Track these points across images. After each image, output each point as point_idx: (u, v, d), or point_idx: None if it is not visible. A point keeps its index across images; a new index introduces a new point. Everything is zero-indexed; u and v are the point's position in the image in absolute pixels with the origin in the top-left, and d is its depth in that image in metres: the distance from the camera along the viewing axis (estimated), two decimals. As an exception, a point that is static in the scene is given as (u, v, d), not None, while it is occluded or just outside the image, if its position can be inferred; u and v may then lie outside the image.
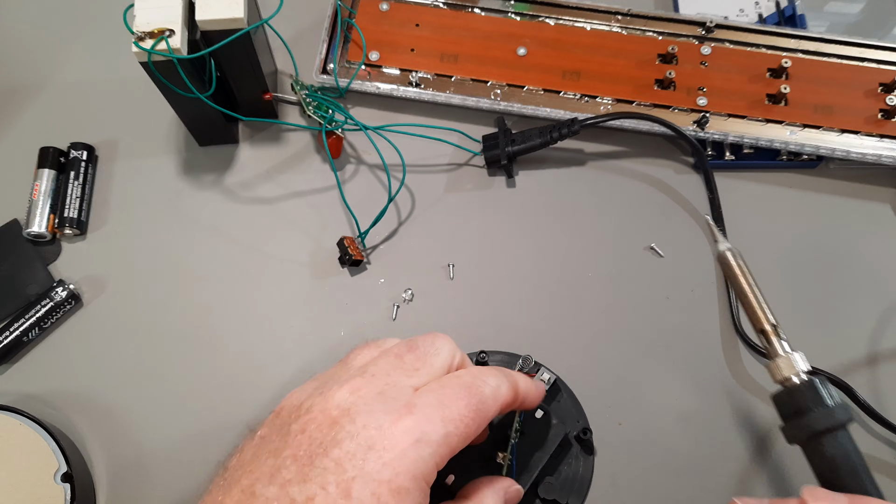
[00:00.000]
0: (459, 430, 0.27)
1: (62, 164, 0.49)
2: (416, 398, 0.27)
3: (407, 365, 0.29)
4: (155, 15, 0.39)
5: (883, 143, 0.47)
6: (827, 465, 0.27)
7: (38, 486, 0.39)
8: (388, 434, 0.26)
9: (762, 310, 0.29)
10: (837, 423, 0.27)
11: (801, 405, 0.28)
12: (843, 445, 0.27)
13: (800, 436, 0.28)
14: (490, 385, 0.29)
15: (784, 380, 0.28)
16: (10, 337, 0.44)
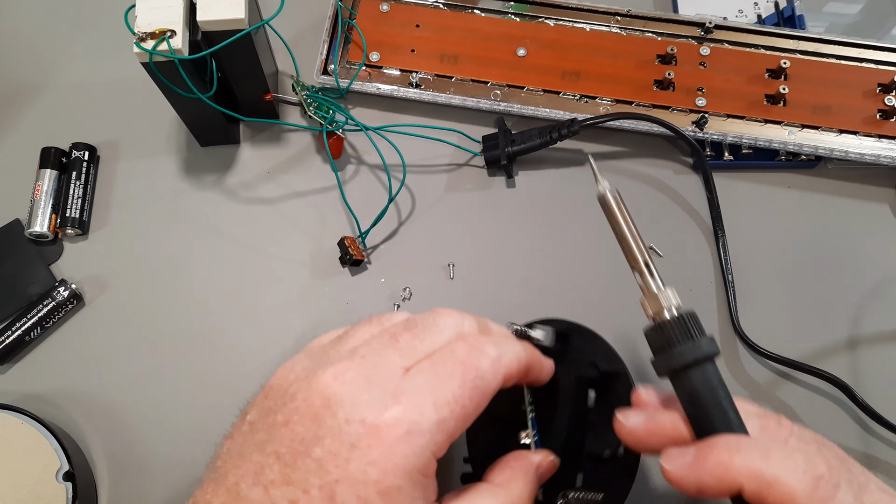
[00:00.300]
0: (456, 413, 0.25)
1: (64, 164, 0.49)
2: (405, 383, 0.25)
3: (402, 345, 0.27)
4: (156, 15, 0.39)
5: (881, 144, 0.48)
6: (691, 399, 0.27)
7: (39, 484, 0.39)
8: (372, 428, 0.24)
9: (639, 248, 0.29)
10: (702, 356, 0.27)
11: (669, 339, 0.27)
12: (708, 379, 0.27)
13: (666, 368, 0.28)
14: (489, 356, 0.27)
15: (656, 314, 0.28)
16: (12, 336, 0.44)
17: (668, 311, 0.28)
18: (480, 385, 0.26)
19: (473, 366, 0.26)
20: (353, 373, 0.25)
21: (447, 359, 0.26)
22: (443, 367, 0.26)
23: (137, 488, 0.42)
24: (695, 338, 0.27)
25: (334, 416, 0.24)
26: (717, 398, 0.27)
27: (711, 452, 0.25)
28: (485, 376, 0.26)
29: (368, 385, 0.25)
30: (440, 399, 0.25)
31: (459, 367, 0.26)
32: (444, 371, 0.25)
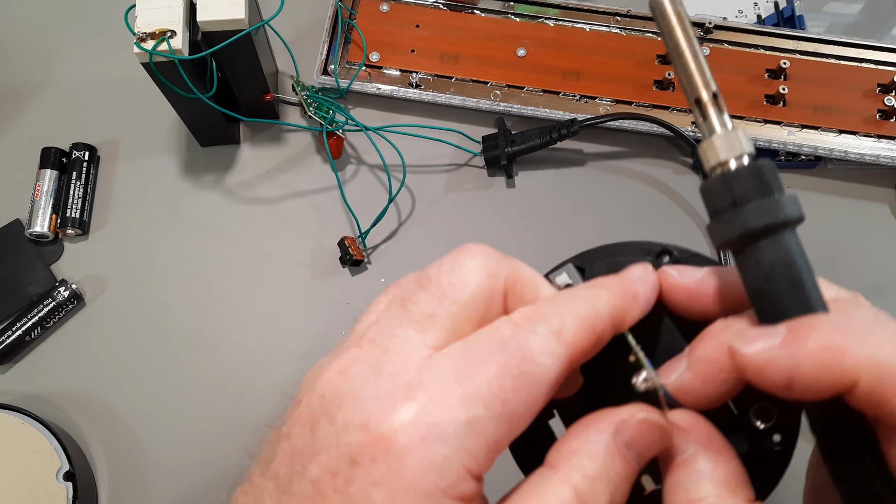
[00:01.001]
0: (495, 410, 0.18)
1: (64, 164, 0.49)
2: (424, 370, 0.18)
3: (417, 312, 0.20)
4: (156, 16, 0.39)
5: (881, 144, 0.48)
6: (764, 275, 0.20)
7: (40, 484, 0.39)
8: (377, 435, 0.18)
9: (702, 72, 0.21)
10: (783, 220, 0.19)
11: (738, 195, 0.20)
12: (787, 250, 0.20)
13: (731, 234, 0.20)
14: (540, 333, 0.19)
15: (720, 164, 0.20)
16: (13, 336, 0.44)
17: (738, 159, 0.20)
18: (531, 372, 0.18)
19: (519, 347, 0.18)
20: (361, 363, 0.19)
21: (485, 338, 0.19)
22: (476, 348, 0.19)
23: (137, 488, 0.42)
24: (774, 194, 0.20)
25: (332, 422, 0.19)
26: (802, 274, 0.20)
27: (814, 332, 0.18)
28: (537, 359, 0.18)
29: (376, 376, 0.19)
30: (471, 391, 0.18)
31: (499, 348, 0.19)
32: (477, 354, 0.19)
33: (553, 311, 0.20)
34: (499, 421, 0.18)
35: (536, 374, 0.18)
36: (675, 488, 0.20)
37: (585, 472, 0.19)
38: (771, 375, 0.18)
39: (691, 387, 0.20)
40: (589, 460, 0.19)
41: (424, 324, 0.19)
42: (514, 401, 0.18)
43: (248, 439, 0.35)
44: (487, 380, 0.18)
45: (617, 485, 0.19)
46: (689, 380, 0.20)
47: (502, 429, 0.18)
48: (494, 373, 0.18)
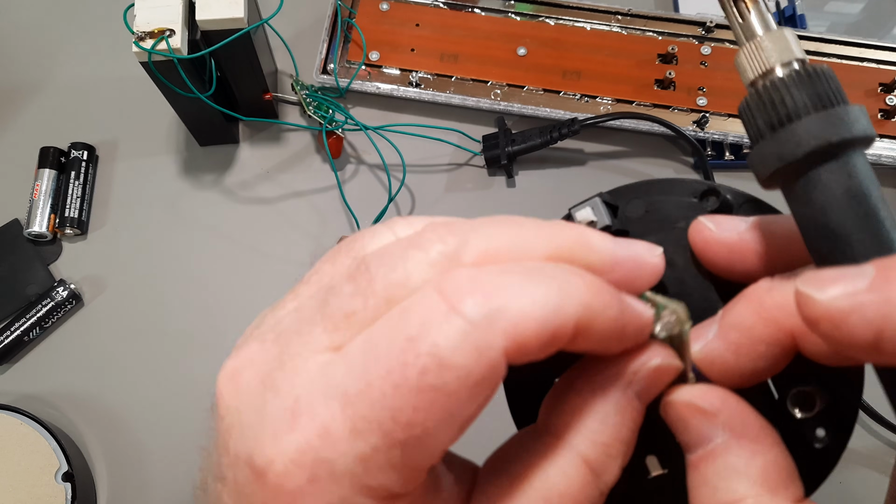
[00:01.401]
0: (395, 437, 0.14)
1: (63, 163, 0.49)
2: (313, 385, 0.14)
3: (334, 307, 0.15)
4: (155, 15, 0.39)
5: (882, 144, 0.47)
6: (832, 207, 0.15)
7: (38, 485, 0.39)
8: (261, 475, 0.14)
9: None
10: (862, 134, 0.15)
11: (796, 107, 0.15)
12: (862, 175, 0.15)
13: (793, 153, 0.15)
14: (460, 320, 0.14)
15: (766, 73, 0.16)
16: (11, 337, 0.44)
17: (787, 65, 0.16)
18: (441, 383, 0.13)
19: (426, 345, 0.13)
20: (253, 368, 0.16)
21: (385, 332, 0.14)
22: (374, 346, 0.14)
23: (136, 488, 0.42)
24: (835, 104, 0.15)
25: (226, 451, 0.15)
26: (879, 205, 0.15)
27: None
28: (453, 363, 0.13)
29: (263, 391, 0.15)
30: (363, 414, 0.14)
31: (398, 354, 0.14)
32: (374, 356, 0.14)
33: (496, 284, 0.14)
34: (407, 448, 0.14)
35: (451, 383, 0.13)
36: (702, 486, 0.16)
37: (597, 437, 0.16)
38: (854, 329, 0.13)
39: (721, 359, 0.16)
40: (600, 423, 0.16)
41: (338, 323, 0.15)
42: (422, 422, 0.14)
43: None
44: (383, 397, 0.13)
45: (630, 440, 0.16)
46: (718, 350, 0.16)
47: (415, 454, 0.14)
48: (392, 387, 0.13)
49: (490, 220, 0.16)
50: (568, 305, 0.14)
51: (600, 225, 0.19)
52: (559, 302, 0.14)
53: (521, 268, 0.15)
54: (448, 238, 0.15)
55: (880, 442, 0.43)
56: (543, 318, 0.14)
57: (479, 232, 0.16)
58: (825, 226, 0.15)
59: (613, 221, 0.20)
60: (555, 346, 0.15)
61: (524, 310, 0.14)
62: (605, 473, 0.16)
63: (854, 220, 0.15)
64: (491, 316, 0.14)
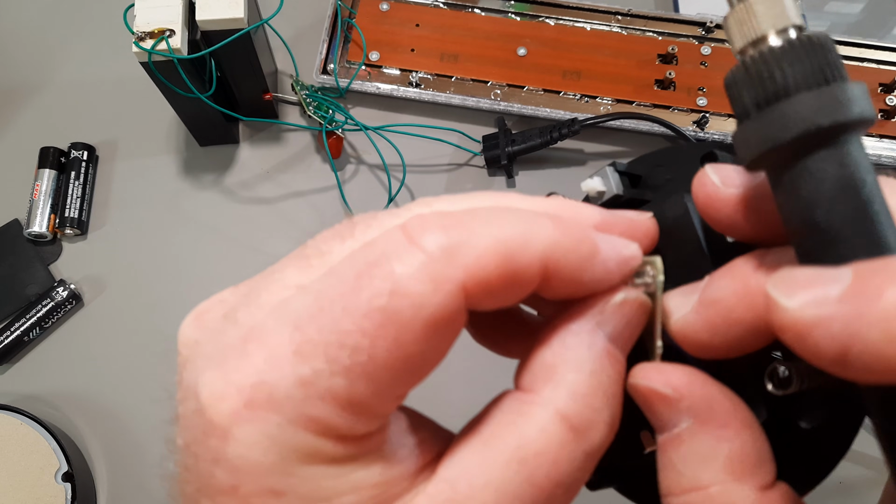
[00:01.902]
0: (341, 362, 0.13)
1: (63, 164, 0.49)
2: (272, 313, 0.14)
3: (310, 249, 0.16)
4: (155, 15, 0.39)
5: (882, 144, 0.47)
6: (820, 198, 0.13)
7: (38, 485, 0.39)
8: (201, 403, 0.14)
9: None
10: (858, 118, 0.13)
11: (787, 82, 0.13)
12: (856, 162, 0.13)
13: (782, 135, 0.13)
14: (419, 251, 0.13)
15: (756, 41, 0.14)
16: (11, 337, 0.44)
17: (782, 32, 0.14)
18: (395, 307, 0.13)
19: (381, 272, 0.13)
20: (221, 305, 0.16)
21: (346, 262, 0.14)
22: (335, 276, 0.14)
23: (136, 488, 0.42)
24: (831, 81, 0.13)
25: (180, 385, 0.15)
26: (874, 198, 0.13)
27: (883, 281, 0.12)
28: (405, 288, 0.13)
29: (224, 323, 0.15)
30: (311, 337, 0.13)
31: (353, 280, 0.13)
32: (333, 283, 0.14)
33: (459, 221, 0.14)
34: (350, 376, 0.13)
35: (403, 311, 0.13)
36: (668, 470, 0.15)
37: (573, 387, 0.14)
38: (819, 343, 0.12)
39: (695, 335, 0.15)
40: (575, 372, 0.15)
41: (312, 261, 0.15)
42: (369, 348, 0.13)
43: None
44: (333, 321, 0.13)
45: (614, 392, 0.15)
46: (693, 326, 0.15)
47: (359, 386, 0.13)
48: (342, 310, 0.13)
49: (480, 192, 0.16)
50: (533, 241, 0.14)
51: (609, 195, 0.18)
52: (523, 238, 0.14)
53: (487, 210, 0.15)
54: (433, 203, 0.16)
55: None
56: (506, 252, 0.14)
57: (468, 200, 0.16)
58: (810, 220, 0.14)
59: (628, 191, 0.18)
60: (521, 286, 0.14)
61: (485, 244, 0.14)
62: (588, 431, 0.14)
63: (841, 216, 0.13)
64: (450, 248, 0.13)
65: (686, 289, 0.16)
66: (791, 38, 0.14)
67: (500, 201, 0.16)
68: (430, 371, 0.14)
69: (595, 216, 0.16)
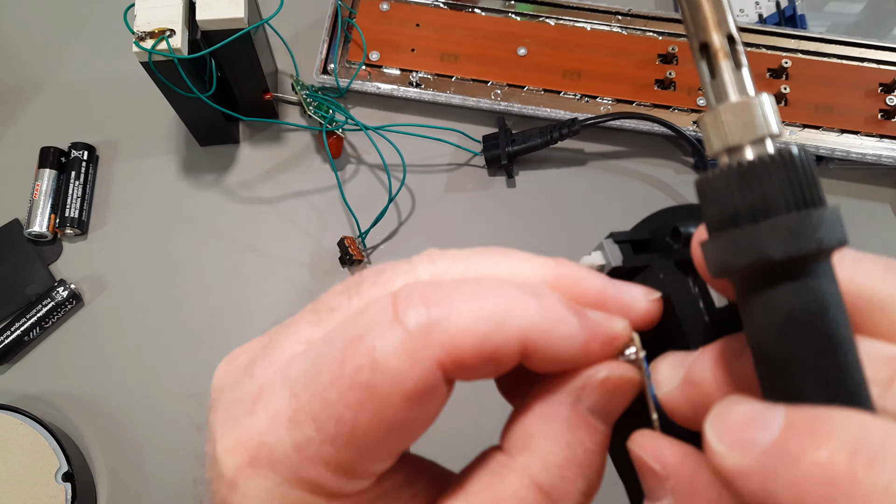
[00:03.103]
0: (327, 431, 0.14)
1: (63, 163, 0.49)
2: (280, 373, 0.15)
3: (322, 304, 0.16)
4: (155, 15, 0.39)
5: (883, 144, 0.47)
6: (777, 327, 0.13)
7: (39, 485, 0.39)
8: (215, 453, 0.15)
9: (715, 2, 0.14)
10: (817, 248, 0.13)
11: (753, 203, 0.13)
12: (818, 293, 0.13)
13: (735, 261, 0.13)
14: (399, 327, 0.14)
15: (730, 148, 0.14)
16: (11, 337, 0.44)
17: (757, 144, 0.13)
18: (374, 383, 0.14)
19: (364, 348, 0.14)
20: (246, 355, 0.17)
21: (340, 330, 0.15)
22: (328, 344, 0.15)
23: (136, 489, 0.42)
24: (809, 205, 0.13)
25: (208, 427, 0.16)
26: (835, 334, 0.13)
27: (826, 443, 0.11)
28: (386, 365, 0.14)
29: (242, 376, 0.16)
30: (304, 405, 0.14)
31: (339, 352, 0.14)
32: (325, 352, 0.15)
33: (443, 296, 0.14)
34: (337, 445, 0.14)
35: (382, 386, 0.14)
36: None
37: (547, 458, 0.15)
38: (740, 491, 0.12)
39: (679, 410, 0.15)
40: (551, 443, 0.15)
41: (322, 316, 0.16)
42: (352, 420, 0.14)
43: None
44: (320, 391, 0.14)
45: (589, 463, 0.15)
46: (677, 401, 0.15)
47: (347, 453, 0.14)
48: (329, 382, 0.14)
49: (485, 249, 0.17)
50: (511, 322, 0.14)
51: (608, 268, 0.18)
52: (501, 318, 0.14)
53: (474, 283, 0.15)
54: (438, 259, 0.16)
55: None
56: (483, 333, 0.14)
57: (469, 258, 0.16)
58: (760, 346, 0.13)
59: (629, 260, 0.18)
60: (500, 364, 0.15)
61: (463, 323, 0.14)
62: (562, 499, 0.15)
63: (790, 349, 0.13)
64: (429, 327, 0.14)
65: (676, 360, 0.16)
66: (767, 152, 0.13)
67: (502, 263, 0.16)
68: (418, 435, 0.15)
69: (593, 289, 0.16)
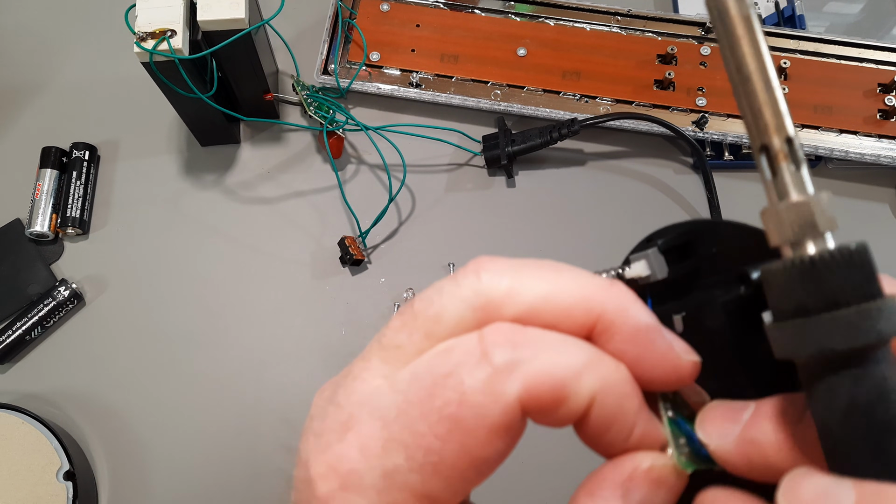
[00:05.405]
0: (416, 460, 0.15)
1: (64, 163, 0.49)
2: (365, 404, 0.16)
3: (387, 340, 0.17)
4: (156, 15, 0.39)
5: (881, 144, 0.48)
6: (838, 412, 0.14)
7: (40, 484, 0.39)
8: (308, 477, 0.16)
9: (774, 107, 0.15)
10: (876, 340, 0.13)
11: (814, 298, 0.14)
12: (876, 382, 0.14)
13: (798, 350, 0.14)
14: (487, 366, 0.15)
15: (791, 244, 0.14)
16: (13, 336, 0.44)
17: (818, 240, 0.14)
18: (461, 416, 0.15)
19: (453, 383, 0.15)
20: (333, 386, 0.18)
21: (428, 367, 0.16)
22: (417, 380, 0.16)
23: (137, 487, 0.42)
24: (867, 299, 0.14)
25: (299, 451, 0.17)
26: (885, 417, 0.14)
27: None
28: (472, 400, 0.15)
29: (329, 405, 0.17)
30: (395, 435, 0.15)
31: (428, 389, 0.15)
32: (415, 388, 0.16)
33: (528, 340, 0.15)
34: (424, 473, 0.15)
35: (468, 419, 0.15)
36: None
37: None
38: None
39: (731, 463, 0.16)
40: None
41: (391, 353, 0.17)
42: (440, 451, 0.15)
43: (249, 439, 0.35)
44: (411, 423, 0.15)
45: None
46: (730, 455, 0.15)
47: (432, 483, 0.15)
48: (419, 414, 0.15)
49: (535, 262, 0.17)
50: (588, 375, 0.15)
51: (654, 279, 0.18)
52: (580, 368, 0.15)
53: (559, 336, 0.16)
54: (483, 272, 0.16)
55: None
56: (561, 376, 0.15)
57: (517, 272, 0.17)
58: (824, 426, 0.14)
59: (674, 269, 0.18)
60: (569, 412, 0.15)
61: (544, 364, 0.15)
62: None
63: (853, 432, 0.14)
64: (512, 363, 0.15)
65: (727, 412, 0.16)
66: (828, 250, 0.14)
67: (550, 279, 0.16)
68: (493, 469, 0.16)
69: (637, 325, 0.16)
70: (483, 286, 0.16)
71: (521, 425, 0.16)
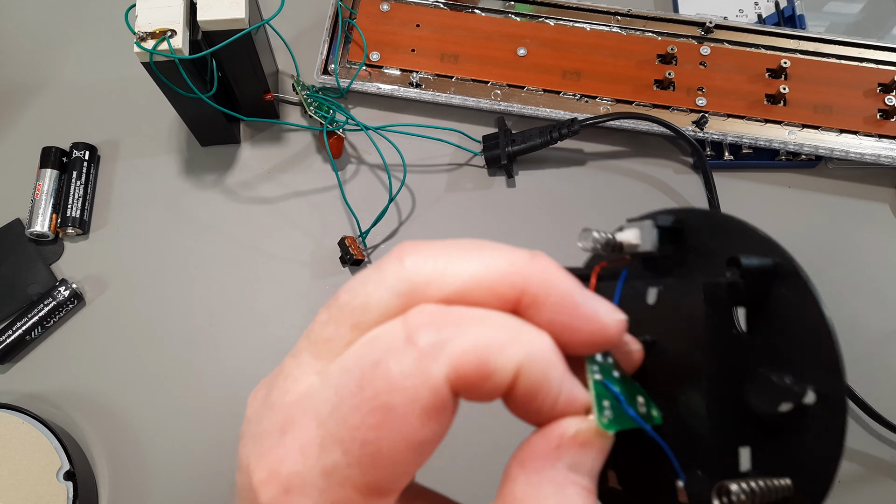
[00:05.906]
0: (353, 454, 0.15)
1: (64, 163, 0.49)
2: (299, 404, 0.16)
3: (315, 334, 0.17)
4: (156, 15, 0.39)
5: (881, 143, 0.48)
6: None
7: (40, 484, 0.39)
8: (249, 484, 0.16)
9: None
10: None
11: None
12: None
13: None
14: (413, 349, 0.15)
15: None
16: (13, 336, 0.44)
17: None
18: (393, 404, 0.15)
19: (381, 372, 0.15)
20: (265, 388, 0.18)
21: (355, 359, 0.16)
22: (346, 374, 0.16)
23: (138, 487, 0.42)
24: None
25: (238, 455, 0.17)
26: None
27: None
28: (401, 386, 0.15)
29: (263, 407, 0.17)
30: (329, 431, 0.15)
31: (362, 376, 0.15)
32: (345, 382, 0.15)
33: (452, 320, 0.15)
34: (363, 466, 0.15)
35: (400, 405, 0.15)
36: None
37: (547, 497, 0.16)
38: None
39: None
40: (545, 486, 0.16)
41: (320, 349, 0.16)
42: (375, 441, 0.15)
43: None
44: (344, 417, 0.15)
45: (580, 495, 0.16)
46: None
47: (372, 474, 0.15)
48: (351, 408, 0.15)
49: (456, 242, 0.17)
50: (511, 348, 0.15)
51: (642, 249, 0.19)
52: (503, 342, 0.15)
53: (483, 312, 0.16)
54: (407, 258, 0.16)
55: (881, 442, 0.43)
56: (485, 352, 0.15)
57: (440, 254, 0.16)
58: None
59: (663, 248, 0.19)
60: (495, 386, 0.15)
61: (468, 342, 0.15)
62: None
63: None
64: (438, 344, 0.15)
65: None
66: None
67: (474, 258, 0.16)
68: (432, 450, 0.16)
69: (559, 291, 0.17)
70: (407, 271, 0.16)
71: (454, 404, 0.15)
